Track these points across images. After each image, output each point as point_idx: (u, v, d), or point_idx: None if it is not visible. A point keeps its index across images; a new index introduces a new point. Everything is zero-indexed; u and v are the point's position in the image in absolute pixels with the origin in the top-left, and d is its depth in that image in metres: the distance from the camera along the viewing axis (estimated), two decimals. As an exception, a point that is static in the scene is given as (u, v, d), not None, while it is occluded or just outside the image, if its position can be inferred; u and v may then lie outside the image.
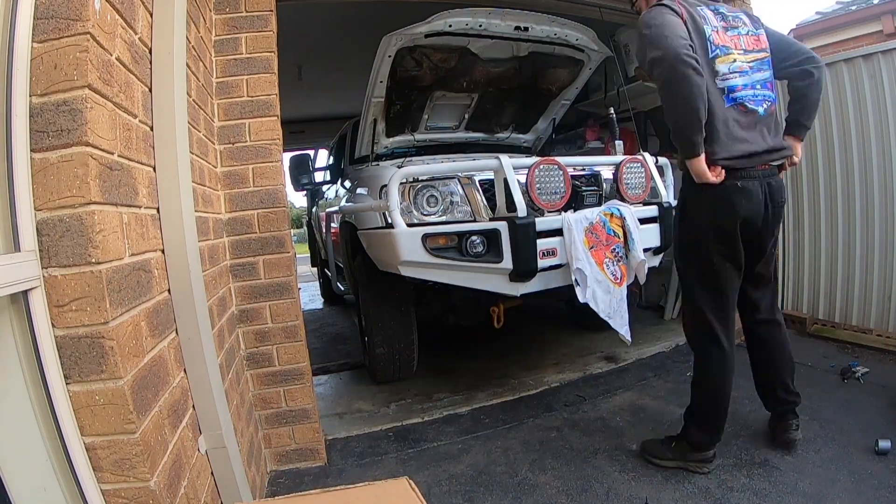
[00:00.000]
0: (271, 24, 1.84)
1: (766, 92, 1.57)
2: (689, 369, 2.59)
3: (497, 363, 2.91)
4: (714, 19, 1.56)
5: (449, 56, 2.81)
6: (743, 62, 1.55)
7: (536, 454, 1.90)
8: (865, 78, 2.68)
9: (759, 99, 1.55)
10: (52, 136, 0.80)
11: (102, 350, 0.82)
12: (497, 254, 2.00)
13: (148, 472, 0.87)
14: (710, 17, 1.56)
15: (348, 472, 1.90)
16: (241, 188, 1.82)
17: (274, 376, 1.89)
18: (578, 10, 2.84)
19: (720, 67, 1.52)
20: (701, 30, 1.52)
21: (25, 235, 0.78)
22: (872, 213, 2.74)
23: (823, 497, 1.51)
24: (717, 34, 1.54)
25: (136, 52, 1.06)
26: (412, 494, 0.90)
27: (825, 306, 3.01)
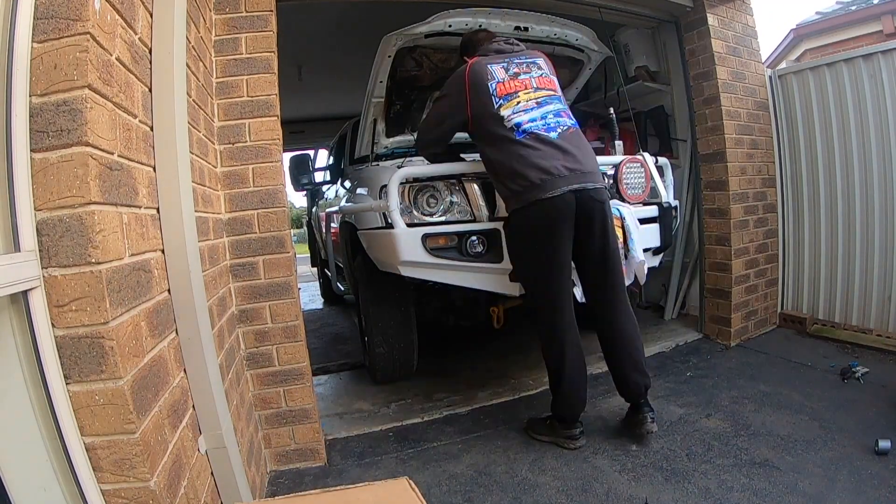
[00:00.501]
0: (271, 24, 1.84)
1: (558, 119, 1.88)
2: (689, 369, 2.60)
3: (497, 363, 2.91)
4: (501, 72, 1.89)
5: (449, 56, 2.81)
6: (529, 101, 1.86)
7: (536, 454, 1.90)
8: (865, 78, 2.68)
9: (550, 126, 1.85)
10: (52, 136, 0.80)
11: (102, 350, 0.82)
12: (497, 254, 2.00)
13: (148, 472, 0.87)
14: (496, 73, 1.88)
15: (348, 472, 1.90)
16: (241, 188, 1.82)
17: (274, 376, 1.89)
18: (578, 10, 2.84)
19: (504, 113, 1.84)
20: (485, 87, 1.86)
21: (25, 235, 0.78)
22: (872, 213, 2.74)
23: (823, 497, 1.51)
24: (502, 86, 1.87)
25: (136, 52, 1.06)
26: (412, 494, 0.90)
27: (825, 306, 3.02)
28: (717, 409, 2.14)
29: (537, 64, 1.97)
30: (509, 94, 1.86)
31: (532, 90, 1.88)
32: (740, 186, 2.90)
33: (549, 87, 1.94)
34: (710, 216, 2.99)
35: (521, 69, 1.92)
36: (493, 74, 1.88)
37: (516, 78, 1.89)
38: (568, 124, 1.89)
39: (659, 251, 2.49)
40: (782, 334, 3.04)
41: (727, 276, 2.90)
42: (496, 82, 1.87)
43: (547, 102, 1.89)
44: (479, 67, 1.89)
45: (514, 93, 1.86)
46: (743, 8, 3.00)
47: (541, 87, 1.91)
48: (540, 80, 1.92)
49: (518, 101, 1.85)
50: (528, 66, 1.94)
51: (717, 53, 2.81)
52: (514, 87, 1.87)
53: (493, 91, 1.85)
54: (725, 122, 2.82)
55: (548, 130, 1.82)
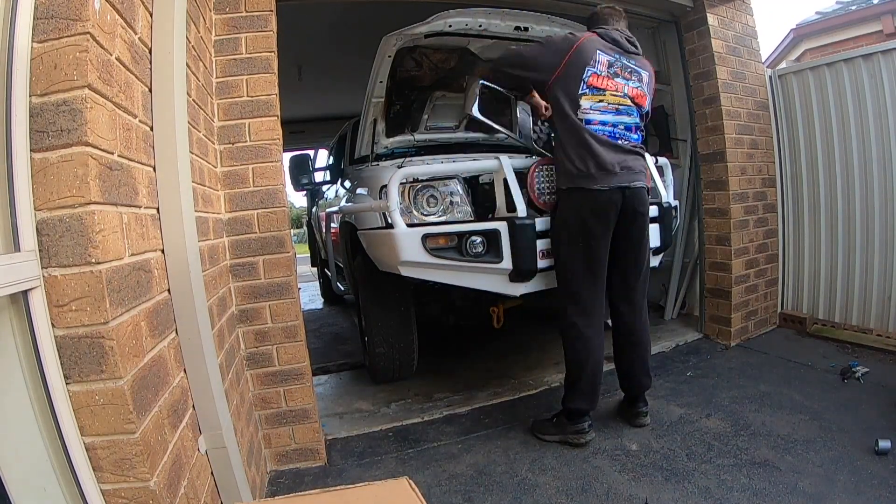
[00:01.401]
0: (271, 24, 1.84)
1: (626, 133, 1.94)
2: (689, 369, 2.60)
3: (497, 363, 2.91)
4: (605, 64, 1.89)
5: (449, 56, 2.81)
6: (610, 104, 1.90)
7: (536, 454, 1.90)
8: (865, 78, 2.68)
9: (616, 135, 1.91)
10: (52, 136, 0.80)
11: (102, 350, 0.82)
12: (497, 254, 2.00)
13: (148, 472, 0.87)
14: (600, 62, 1.88)
15: (348, 472, 1.90)
16: (241, 188, 1.82)
17: (274, 376, 1.89)
18: (578, 10, 2.83)
19: (583, 103, 1.87)
20: (582, 68, 1.86)
21: (25, 235, 0.78)
22: (872, 213, 2.74)
23: (823, 497, 1.51)
24: (597, 77, 1.87)
25: (136, 51, 1.06)
26: (412, 494, 0.90)
27: (825, 306, 3.02)
28: (717, 409, 2.14)
29: (640, 76, 1.97)
30: (598, 87, 1.87)
31: (620, 95, 1.91)
32: (740, 186, 2.90)
33: (638, 103, 1.96)
34: (710, 216, 2.99)
35: (624, 73, 1.92)
36: (596, 61, 1.87)
37: (613, 77, 1.90)
38: (633, 140, 1.96)
39: (659, 251, 2.49)
40: (782, 334, 3.04)
41: (727, 276, 2.90)
42: (593, 71, 1.86)
43: (626, 113, 1.93)
44: (589, 46, 1.87)
45: (603, 90, 1.88)
46: (743, 8, 3.00)
47: (630, 95, 1.93)
48: (633, 91, 1.94)
49: (601, 100, 1.88)
50: (630, 72, 1.94)
51: (717, 53, 2.81)
52: (606, 84, 1.88)
53: (586, 76, 1.85)
54: (725, 121, 2.82)
55: (612, 138, 1.88)
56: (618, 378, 2.13)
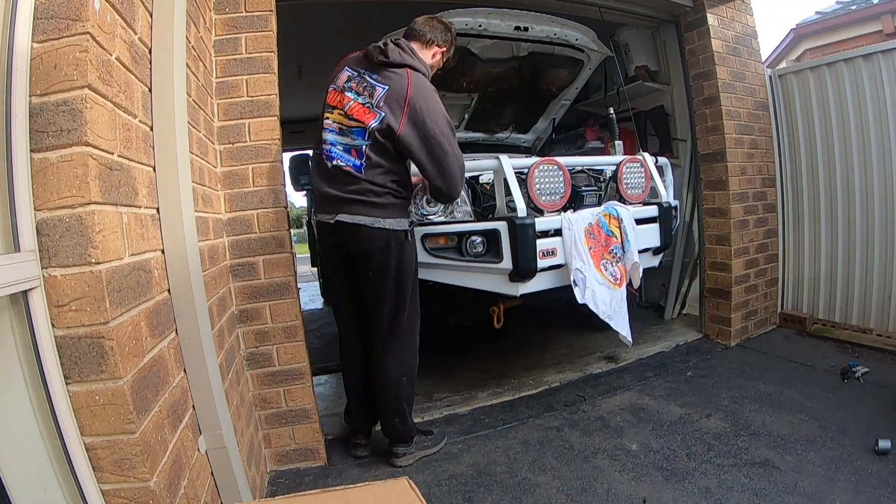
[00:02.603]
0: (271, 24, 1.84)
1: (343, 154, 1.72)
2: (689, 369, 2.60)
3: (497, 363, 2.91)
4: (342, 80, 1.75)
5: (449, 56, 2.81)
6: (334, 122, 1.74)
7: (536, 454, 1.90)
8: (865, 78, 2.68)
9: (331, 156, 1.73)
10: (51, 136, 0.80)
11: (102, 350, 0.82)
12: (497, 254, 2.00)
13: (148, 472, 0.87)
14: (340, 78, 1.76)
15: (348, 472, 1.90)
16: (241, 188, 1.82)
17: (274, 376, 1.89)
18: (578, 10, 2.84)
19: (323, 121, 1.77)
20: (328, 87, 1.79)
21: (25, 235, 0.78)
22: (872, 213, 2.74)
23: (823, 497, 1.51)
24: (333, 94, 1.76)
25: (136, 52, 1.06)
26: (412, 494, 0.90)
27: (825, 306, 3.02)
28: (717, 408, 2.14)
29: (372, 90, 1.68)
30: (330, 105, 1.76)
31: (342, 113, 1.72)
32: (740, 186, 2.90)
33: (358, 118, 1.69)
34: (710, 216, 2.99)
35: (358, 87, 1.71)
36: (338, 78, 1.77)
37: (345, 93, 1.72)
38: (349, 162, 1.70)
39: (659, 251, 2.49)
40: (782, 334, 3.04)
41: (727, 276, 2.90)
42: (332, 88, 1.77)
43: (344, 133, 1.71)
44: (341, 64, 1.80)
45: (333, 107, 1.75)
46: (743, 8, 3.00)
47: (351, 114, 1.70)
48: (354, 108, 1.69)
49: (328, 116, 1.76)
50: (364, 87, 1.70)
51: (717, 53, 2.81)
52: (336, 101, 1.74)
53: (326, 93, 1.79)
54: (725, 121, 2.82)
55: (329, 159, 1.72)
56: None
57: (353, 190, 1.70)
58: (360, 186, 1.70)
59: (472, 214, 2.12)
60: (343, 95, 1.73)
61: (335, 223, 1.72)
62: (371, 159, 1.69)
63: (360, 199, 1.70)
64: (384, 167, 1.71)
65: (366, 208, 1.70)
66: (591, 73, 3.21)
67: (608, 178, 2.47)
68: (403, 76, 1.68)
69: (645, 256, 2.37)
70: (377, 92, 1.68)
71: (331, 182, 1.72)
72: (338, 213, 1.71)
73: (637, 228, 2.26)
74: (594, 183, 2.49)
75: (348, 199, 1.70)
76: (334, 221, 1.72)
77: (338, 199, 1.71)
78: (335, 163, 1.71)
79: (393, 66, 1.70)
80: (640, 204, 2.38)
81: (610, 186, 2.44)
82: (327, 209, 1.75)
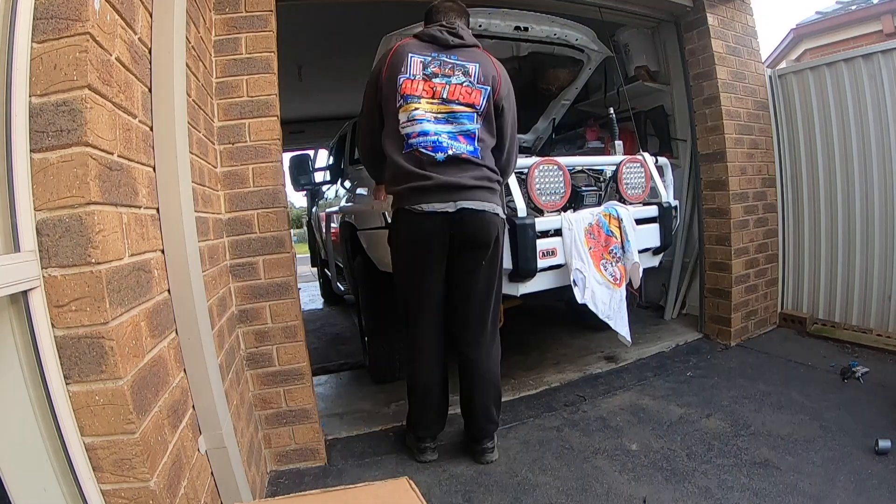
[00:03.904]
0: (271, 24, 1.84)
1: (452, 142, 1.64)
2: (689, 369, 2.60)
3: (497, 363, 2.90)
4: (418, 67, 1.64)
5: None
6: (426, 111, 1.63)
7: (536, 454, 1.90)
8: (865, 78, 2.68)
9: (441, 146, 1.63)
10: (51, 136, 0.80)
11: (102, 350, 0.82)
12: (497, 254, 2.00)
13: (148, 472, 0.87)
14: (412, 66, 1.64)
15: (348, 472, 1.90)
16: (240, 188, 1.82)
17: (274, 376, 1.89)
18: (578, 10, 2.83)
19: (401, 116, 1.64)
20: (395, 78, 1.64)
21: (25, 235, 0.78)
22: (872, 212, 2.74)
23: (823, 497, 1.51)
24: (411, 83, 1.64)
25: (136, 52, 1.06)
26: (412, 494, 0.90)
27: (825, 306, 3.02)
28: (717, 408, 2.14)
29: (465, 69, 1.66)
30: (413, 94, 1.63)
31: (438, 101, 1.64)
32: (740, 186, 2.90)
33: (464, 101, 1.65)
34: (710, 216, 2.99)
35: (443, 70, 1.65)
36: (408, 66, 1.64)
37: (430, 80, 1.64)
38: (462, 150, 1.65)
39: (659, 251, 2.49)
40: (782, 334, 3.04)
41: (727, 276, 2.90)
42: (405, 78, 1.64)
43: (446, 121, 1.65)
44: (401, 52, 1.66)
45: (417, 97, 1.64)
46: (743, 8, 3.00)
47: (451, 99, 1.65)
48: (454, 91, 1.65)
49: (416, 108, 1.63)
50: (452, 68, 1.66)
51: (717, 53, 2.81)
52: (420, 89, 1.64)
53: (399, 85, 1.64)
54: (725, 121, 2.82)
55: (435, 150, 1.63)
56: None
57: (475, 176, 1.65)
58: (480, 172, 1.67)
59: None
60: (429, 82, 1.64)
61: (457, 211, 1.63)
62: (484, 142, 1.69)
63: (483, 185, 1.67)
64: (490, 149, 1.72)
65: (488, 194, 1.69)
66: (591, 73, 3.20)
67: (608, 178, 2.47)
68: (482, 52, 1.73)
69: (645, 256, 2.37)
70: (471, 69, 1.67)
71: (445, 171, 1.63)
72: (458, 200, 1.63)
73: (637, 228, 2.26)
74: (594, 183, 2.49)
75: (470, 186, 1.64)
76: (456, 209, 1.63)
77: (457, 186, 1.63)
78: (451, 152, 1.63)
79: (467, 45, 1.71)
80: (640, 204, 2.38)
81: (610, 186, 2.44)
82: (439, 197, 1.63)
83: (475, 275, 1.74)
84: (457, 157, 1.64)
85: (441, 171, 1.63)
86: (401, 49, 1.67)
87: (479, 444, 1.88)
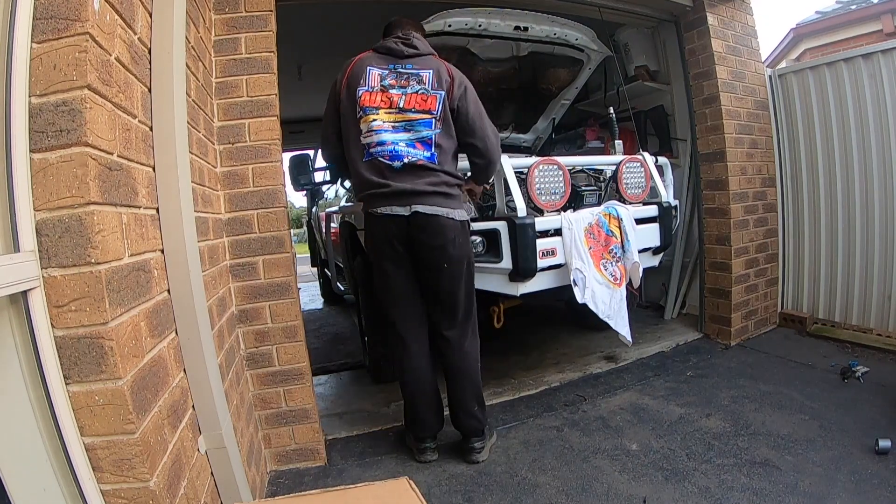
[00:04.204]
0: (271, 24, 1.84)
1: (409, 150, 1.71)
2: (689, 369, 2.60)
3: (497, 363, 2.90)
4: (376, 79, 1.72)
5: (448, 56, 2.81)
6: (384, 121, 1.70)
7: (536, 454, 1.90)
8: (865, 77, 2.68)
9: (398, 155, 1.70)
10: (51, 136, 0.80)
11: (102, 350, 0.82)
12: (497, 254, 2.00)
13: (147, 472, 0.87)
14: (371, 78, 1.72)
15: (348, 472, 1.90)
16: (240, 188, 1.82)
17: (274, 376, 1.89)
18: (578, 10, 2.83)
19: (362, 127, 1.72)
20: (354, 91, 1.72)
21: (25, 236, 0.78)
22: (872, 212, 2.74)
23: (823, 497, 1.51)
24: (369, 95, 1.71)
25: (136, 52, 1.06)
26: (412, 494, 0.90)
27: (825, 306, 3.02)
28: (717, 408, 2.14)
29: (419, 77, 1.73)
30: (371, 106, 1.71)
31: (395, 110, 1.71)
32: (740, 186, 2.90)
33: (420, 109, 1.71)
34: (710, 216, 2.99)
35: (399, 81, 1.72)
36: (367, 79, 1.72)
37: (387, 91, 1.71)
38: (419, 156, 1.71)
39: (659, 251, 2.49)
40: (782, 334, 3.04)
41: (727, 276, 2.90)
42: (364, 90, 1.71)
43: (404, 129, 1.71)
44: (359, 66, 1.74)
45: (376, 108, 1.71)
46: (743, 7, 3.00)
47: (408, 108, 1.71)
48: (410, 100, 1.71)
49: (374, 119, 1.70)
50: (408, 78, 1.73)
51: (716, 53, 2.81)
52: (378, 100, 1.71)
53: (358, 97, 1.71)
54: (725, 121, 2.82)
55: (392, 159, 1.70)
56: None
57: (430, 182, 1.71)
58: (437, 178, 1.72)
59: (474, 213, 2.12)
60: (386, 94, 1.71)
61: (411, 214, 1.70)
62: (441, 147, 1.73)
63: (438, 191, 1.72)
64: (450, 154, 1.77)
65: (442, 199, 1.73)
66: (591, 72, 3.20)
67: (608, 177, 2.47)
68: (436, 59, 1.80)
69: (645, 256, 2.37)
70: (425, 77, 1.73)
71: (401, 178, 1.70)
72: (413, 204, 1.70)
73: (637, 228, 2.26)
74: (594, 183, 2.49)
75: (424, 192, 1.70)
76: (411, 213, 1.70)
77: (412, 192, 1.70)
78: (407, 160, 1.69)
79: (422, 54, 1.78)
80: (640, 204, 2.38)
81: (610, 186, 2.44)
82: (398, 202, 1.71)
83: (438, 275, 1.79)
84: (413, 164, 1.70)
85: (398, 178, 1.70)
86: (359, 63, 1.76)
87: (466, 441, 1.91)
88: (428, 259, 1.77)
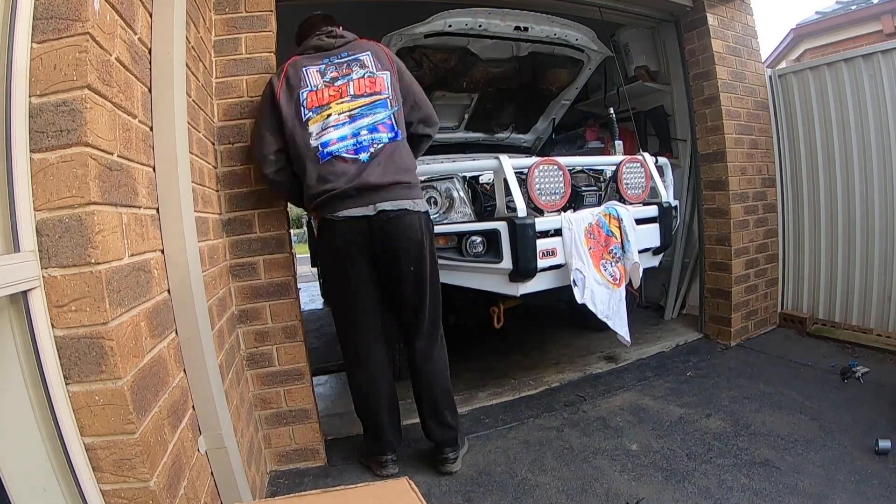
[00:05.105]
0: (271, 24, 1.84)
1: (373, 135, 1.64)
2: (689, 369, 2.60)
3: (497, 363, 2.91)
4: (316, 77, 1.66)
5: (449, 56, 2.82)
6: (339, 114, 1.63)
7: (536, 454, 1.90)
8: (865, 78, 2.68)
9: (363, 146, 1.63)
10: (51, 136, 0.80)
11: (102, 350, 0.82)
12: (497, 254, 2.00)
13: (148, 472, 0.87)
14: (311, 78, 1.65)
15: (348, 472, 1.90)
16: (240, 188, 1.82)
17: (274, 376, 1.89)
18: (578, 10, 2.84)
19: (312, 129, 1.63)
20: (296, 95, 1.64)
21: (25, 236, 0.78)
22: (872, 212, 2.74)
23: (823, 497, 1.51)
24: (315, 95, 1.64)
25: (136, 52, 1.06)
26: (412, 494, 0.91)
27: (825, 306, 3.02)
28: (718, 408, 2.14)
29: (360, 61, 1.68)
30: (320, 105, 1.63)
31: (348, 98, 1.64)
32: (740, 186, 2.90)
33: (371, 92, 1.66)
34: (710, 216, 2.99)
35: (341, 71, 1.66)
36: (306, 80, 1.65)
37: (332, 84, 1.65)
38: (384, 139, 1.64)
39: (659, 251, 2.49)
40: (782, 334, 3.04)
41: (727, 276, 2.90)
42: (307, 91, 1.64)
43: (362, 116, 1.64)
44: (293, 71, 1.67)
45: (326, 104, 1.63)
46: (743, 8, 3.00)
47: (359, 94, 1.65)
48: (359, 85, 1.65)
49: (329, 115, 1.62)
50: (348, 65, 1.67)
51: (717, 53, 2.81)
52: (326, 96, 1.63)
53: (303, 101, 1.63)
54: (725, 121, 2.82)
55: (358, 152, 1.62)
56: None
57: (397, 169, 1.63)
58: (402, 162, 1.65)
59: (472, 215, 2.12)
60: (331, 87, 1.65)
61: (375, 214, 1.60)
62: (401, 126, 1.70)
63: (401, 180, 1.63)
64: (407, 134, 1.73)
65: (405, 190, 1.64)
66: (591, 73, 3.21)
67: (608, 178, 2.47)
68: (366, 42, 1.77)
69: (645, 256, 2.37)
70: (365, 60, 1.70)
71: (368, 171, 1.60)
72: (377, 202, 1.60)
73: (637, 228, 2.26)
74: (594, 183, 2.49)
75: (390, 184, 1.61)
76: (375, 212, 1.60)
77: (377, 186, 1.60)
78: (373, 149, 1.62)
79: (350, 41, 1.75)
80: (640, 204, 2.38)
81: (610, 186, 2.44)
82: (360, 201, 1.60)
83: (402, 281, 1.71)
84: (379, 152, 1.63)
85: (364, 172, 1.60)
86: (292, 68, 1.68)
87: (439, 452, 1.83)
88: (392, 264, 1.68)
